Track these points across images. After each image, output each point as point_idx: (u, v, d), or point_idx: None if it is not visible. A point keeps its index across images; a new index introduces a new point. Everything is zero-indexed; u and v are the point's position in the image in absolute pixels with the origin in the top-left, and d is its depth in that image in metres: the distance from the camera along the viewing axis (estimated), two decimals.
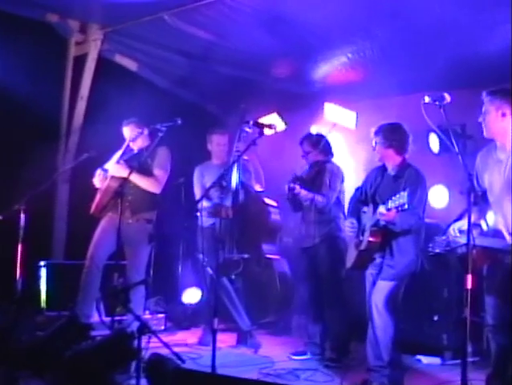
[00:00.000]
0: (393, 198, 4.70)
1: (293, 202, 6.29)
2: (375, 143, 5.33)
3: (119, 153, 6.41)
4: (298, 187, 6.09)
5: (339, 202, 6.25)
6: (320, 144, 6.35)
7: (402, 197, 4.60)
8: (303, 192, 6.11)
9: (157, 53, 7.83)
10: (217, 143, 6.80)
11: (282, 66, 7.64)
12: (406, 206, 4.60)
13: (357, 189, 5.70)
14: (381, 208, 4.90)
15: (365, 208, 5.41)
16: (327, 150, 6.41)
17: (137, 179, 6.15)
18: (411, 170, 5.23)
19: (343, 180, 6.28)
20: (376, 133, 5.33)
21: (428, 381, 5.42)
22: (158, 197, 6.40)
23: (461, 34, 6.01)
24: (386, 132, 5.29)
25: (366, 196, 5.49)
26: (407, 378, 5.32)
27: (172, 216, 7.18)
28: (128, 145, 6.44)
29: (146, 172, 6.25)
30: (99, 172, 6.34)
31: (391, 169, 5.34)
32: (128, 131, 6.42)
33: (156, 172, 6.31)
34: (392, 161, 5.31)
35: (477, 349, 5.85)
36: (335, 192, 6.17)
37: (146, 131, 6.33)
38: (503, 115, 4.27)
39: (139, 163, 6.08)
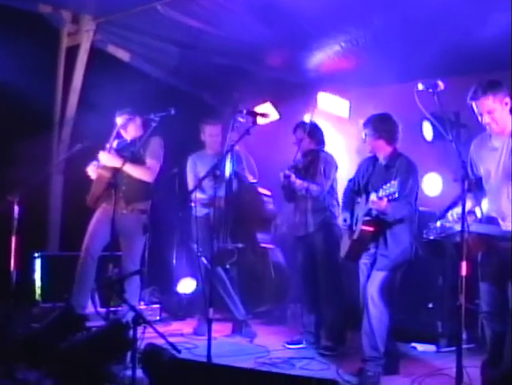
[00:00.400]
0: (384, 187, 4.72)
1: (287, 191, 6.29)
2: (365, 134, 5.34)
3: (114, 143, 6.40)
4: (293, 175, 6.09)
5: (332, 190, 6.27)
6: (313, 132, 6.35)
7: (393, 186, 4.62)
8: (298, 182, 6.12)
9: (150, 43, 7.79)
10: (209, 134, 6.79)
11: (275, 56, 7.63)
12: (396, 195, 4.61)
13: (350, 181, 5.73)
14: (373, 197, 4.92)
15: (359, 199, 5.43)
16: (319, 138, 6.41)
17: (129, 168, 6.11)
18: (402, 159, 5.25)
19: (336, 168, 6.28)
20: (365, 125, 5.34)
21: (423, 368, 5.42)
22: (152, 187, 6.37)
23: (454, 22, 6.00)
24: (375, 123, 5.30)
25: (359, 187, 5.50)
26: (402, 365, 5.38)
27: (167, 206, 7.18)
28: (121, 135, 6.42)
29: (138, 161, 6.22)
30: (94, 163, 6.32)
31: (382, 159, 5.35)
32: (120, 121, 6.39)
33: (149, 161, 6.28)
34: (383, 152, 5.33)
35: (472, 336, 5.89)
36: (329, 180, 6.17)
37: (138, 121, 6.33)
38: (506, 104, 4.30)
39: (131, 152, 6.07)
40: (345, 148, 7.90)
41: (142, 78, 8.16)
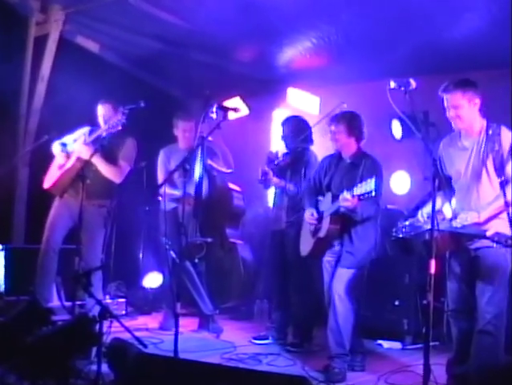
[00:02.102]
0: (359, 185, 4.70)
1: (265, 184, 6.30)
2: (334, 131, 5.33)
3: (82, 131, 6.30)
4: (271, 173, 6.09)
5: None
6: (301, 129, 6.28)
7: (369, 185, 4.60)
8: (275, 180, 6.12)
9: (120, 35, 7.71)
10: (182, 129, 6.73)
11: (246, 51, 7.61)
12: (373, 193, 4.60)
13: (309, 180, 5.75)
14: (346, 194, 4.86)
15: (320, 198, 5.43)
16: (306, 136, 6.30)
17: (102, 164, 6.04)
18: (367, 158, 5.29)
19: None
20: (337, 121, 5.32)
21: (388, 365, 5.45)
22: (115, 187, 6.29)
23: (425, 21, 6.04)
24: (350, 120, 5.32)
25: (320, 186, 5.51)
26: (368, 362, 5.40)
27: (134, 200, 7.12)
28: (97, 124, 6.31)
29: (111, 158, 6.14)
30: (60, 147, 6.21)
31: (347, 157, 5.37)
32: (103, 111, 6.28)
33: (121, 162, 6.21)
34: (351, 149, 5.35)
35: (437, 334, 5.92)
36: None
37: (120, 116, 6.23)
38: (475, 104, 4.35)
39: (104, 147, 6.00)
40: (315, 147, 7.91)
41: (111, 69, 8.09)
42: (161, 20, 7.02)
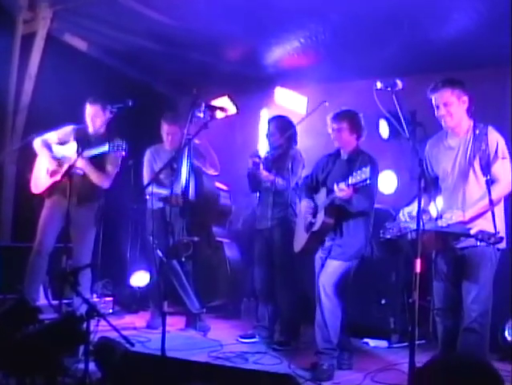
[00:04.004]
0: (354, 174, 4.74)
1: (253, 180, 6.30)
2: (339, 128, 5.34)
3: (66, 130, 6.29)
4: (262, 165, 6.08)
5: (297, 187, 6.23)
6: (285, 129, 6.28)
7: (364, 173, 4.64)
8: (265, 173, 6.09)
9: (108, 33, 7.69)
10: (166, 131, 6.70)
11: (234, 49, 7.61)
12: (368, 182, 4.64)
13: (306, 177, 5.76)
14: (341, 185, 4.89)
15: (319, 194, 5.45)
16: (290, 136, 6.30)
17: (92, 173, 6.07)
18: (364, 155, 5.31)
19: (303, 167, 6.23)
20: (340, 119, 5.33)
21: (375, 363, 5.49)
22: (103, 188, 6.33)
23: (412, 21, 6.06)
24: (352, 118, 5.34)
25: (317, 183, 5.52)
26: (354, 360, 5.42)
27: (121, 198, 7.11)
28: (85, 124, 6.29)
29: (98, 162, 6.13)
30: (49, 153, 6.19)
31: (345, 154, 5.39)
32: (92, 111, 6.22)
33: (109, 167, 6.20)
34: (350, 146, 5.37)
35: (423, 332, 5.94)
36: (296, 176, 6.11)
37: (107, 114, 6.19)
38: (464, 102, 4.39)
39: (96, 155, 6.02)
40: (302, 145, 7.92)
41: (99, 67, 8.07)
42: (150, 18, 7.00)
